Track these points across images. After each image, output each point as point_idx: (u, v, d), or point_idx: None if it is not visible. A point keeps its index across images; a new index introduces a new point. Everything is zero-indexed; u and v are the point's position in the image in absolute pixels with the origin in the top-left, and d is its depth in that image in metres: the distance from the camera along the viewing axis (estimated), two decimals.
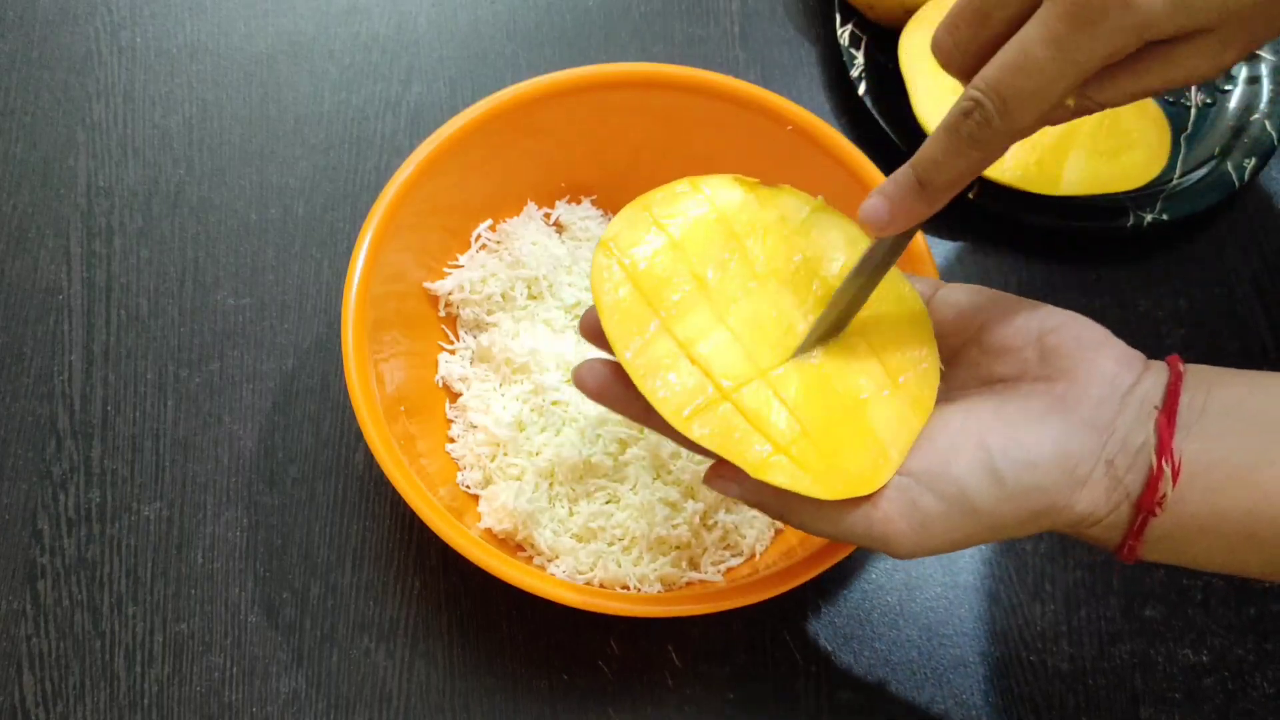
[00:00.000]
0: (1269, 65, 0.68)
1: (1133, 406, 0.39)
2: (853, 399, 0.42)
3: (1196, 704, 0.54)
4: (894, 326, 0.43)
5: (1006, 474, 0.39)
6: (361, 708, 0.53)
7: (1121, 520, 0.39)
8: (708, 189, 0.45)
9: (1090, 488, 0.39)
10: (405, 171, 0.54)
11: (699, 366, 0.41)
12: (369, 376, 0.51)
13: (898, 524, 0.40)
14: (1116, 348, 0.41)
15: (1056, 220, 0.63)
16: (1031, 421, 0.39)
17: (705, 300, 0.43)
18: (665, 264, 0.43)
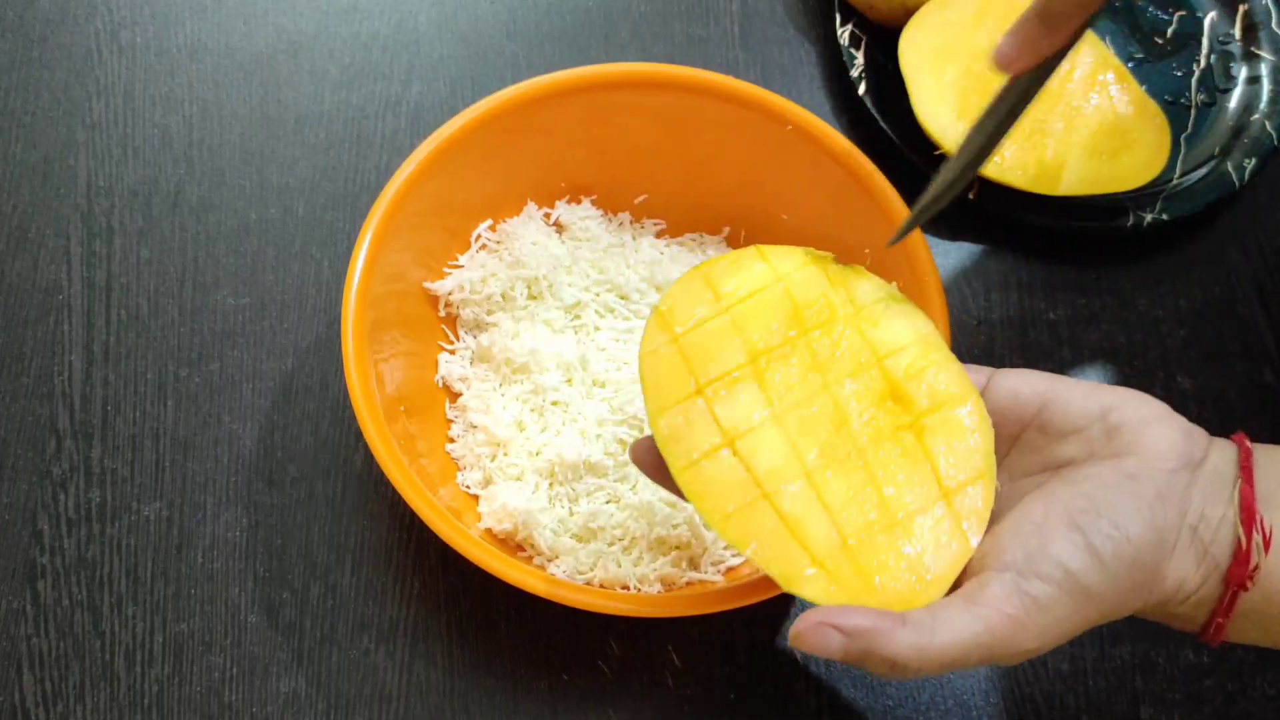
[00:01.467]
0: (1269, 65, 0.68)
1: (1205, 479, 0.39)
2: (900, 508, 0.40)
3: (1197, 705, 0.54)
4: (956, 429, 0.41)
5: (1104, 551, 0.38)
6: (361, 708, 0.53)
7: (1210, 596, 0.39)
8: (775, 260, 0.43)
9: (1178, 559, 0.39)
10: (405, 171, 0.54)
11: (740, 459, 0.39)
12: (369, 376, 0.51)
13: (1018, 618, 0.37)
14: (1180, 423, 0.41)
15: (1056, 220, 0.63)
16: (1112, 497, 0.39)
17: (756, 382, 0.41)
18: (718, 337, 0.41)
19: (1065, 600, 0.38)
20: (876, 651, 0.37)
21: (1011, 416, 0.42)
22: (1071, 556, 0.38)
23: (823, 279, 0.43)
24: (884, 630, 0.37)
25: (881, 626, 0.37)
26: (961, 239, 0.65)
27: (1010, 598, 0.37)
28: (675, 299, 0.42)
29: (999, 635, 0.37)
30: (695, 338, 0.41)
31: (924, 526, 0.40)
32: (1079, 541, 0.38)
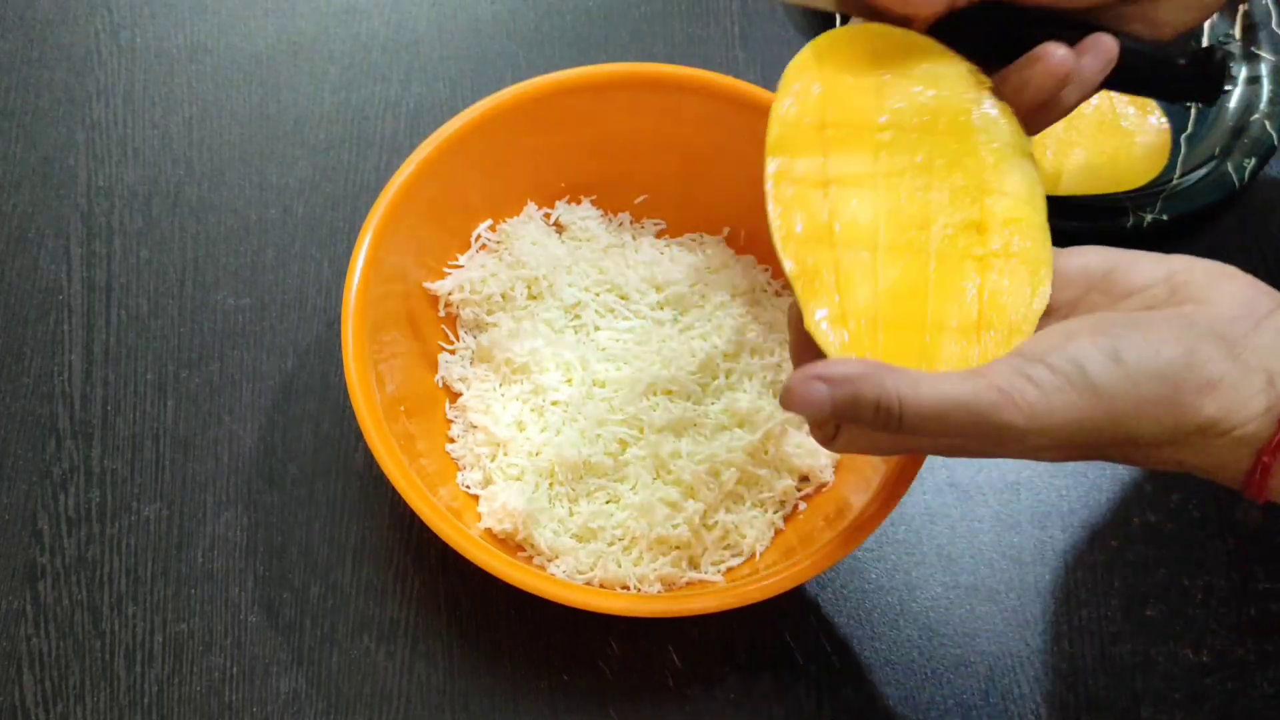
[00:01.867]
0: (1269, 65, 0.68)
1: (1271, 330, 0.38)
2: (936, 324, 0.41)
3: (1197, 704, 0.54)
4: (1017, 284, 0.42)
5: (1128, 356, 0.36)
6: (361, 708, 0.53)
7: (1259, 434, 0.37)
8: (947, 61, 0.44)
9: (1226, 390, 0.36)
10: (405, 171, 0.54)
11: (829, 202, 0.42)
12: (369, 376, 0.51)
13: (1010, 391, 0.36)
14: (1249, 279, 0.40)
15: (1056, 220, 0.63)
16: (1156, 323, 0.38)
17: (872, 152, 0.43)
18: (864, 93, 0.44)
19: (1067, 390, 0.36)
20: (862, 395, 0.36)
21: (1078, 281, 0.42)
22: (1089, 355, 0.36)
23: (975, 99, 0.44)
24: (870, 374, 0.36)
25: (868, 371, 0.36)
26: None
27: (1008, 375, 0.37)
28: (843, 41, 0.45)
29: (984, 401, 0.36)
30: (847, 78, 0.44)
31: (948, 350, 0.40)
32: (1104, 345, 0.37)
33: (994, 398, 0.36)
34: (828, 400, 0.37)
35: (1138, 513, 0.58)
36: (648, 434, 0.55)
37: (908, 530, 0.57)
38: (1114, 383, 0.36)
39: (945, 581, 0.56)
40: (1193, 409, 0.37)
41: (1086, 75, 0.44)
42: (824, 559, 0.49)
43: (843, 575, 0.56)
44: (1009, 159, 0.44)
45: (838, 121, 0.43)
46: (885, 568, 0.57)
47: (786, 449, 0.55)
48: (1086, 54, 0.44)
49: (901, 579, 0.56)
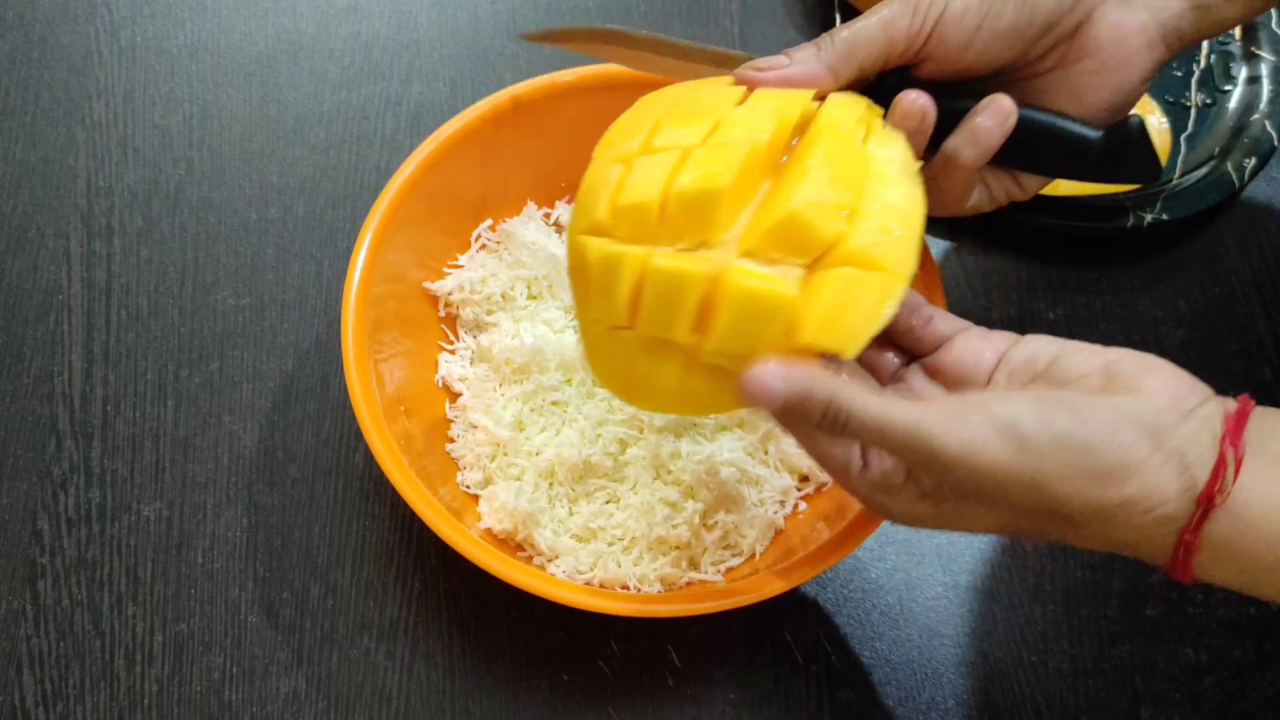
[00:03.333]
0: (1269, 65, 0.68)
1: (1196, 420, 0.39)
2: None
3: (1196, 704, 0.54)
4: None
5: (1058, 423, 0.38)
6: (361, 708, 0.53)
7: (1180, 514, 0.38)
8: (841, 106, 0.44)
9: (1148, 472, 0.38)
10: (405, 171, 0.54)
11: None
12: (369, 376, 0.51)
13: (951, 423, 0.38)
14: (1180, 374, 0.41)
15: (1056, 220, 0.63)
16: (1085, 403, 0.39)
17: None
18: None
19: (996, 440, 0.38)
20: (815, 394, 0.38)
21: (1026, 370, 0.43)
22: (1023, 414, 0.38)
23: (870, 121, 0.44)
24: (826, 377, 0.39)
25: (825, 374, 0.39)
26: (961, 239, 0.65)
27: (946, 407, 0.39)
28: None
29: (925, 426, 0.38)
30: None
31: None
32: (1039, 410, 0.38)
33: (934, 423, 0.38)
34: (781, 392, 0.39)
35: None
36: (647, 434, 0.55)
37: (908, 530, 0.57)
38: (1041, 443, 0.38)
39: (945, 581, 0.56)
40: (1115, 485, 0.38)
41: (981, 134, 0.46)
42: (824, 559, 0.49)
43: (843, 575, 0.56)
44: (899, 176, 0.42)
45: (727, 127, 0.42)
46: (885, 568, 0.57)
47: (786, 449, 0.55)
48: (982, 113, 0.46)
49: (901, 579, 0.56)
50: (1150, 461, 0.38)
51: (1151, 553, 0.40)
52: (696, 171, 0.41)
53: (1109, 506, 0.39)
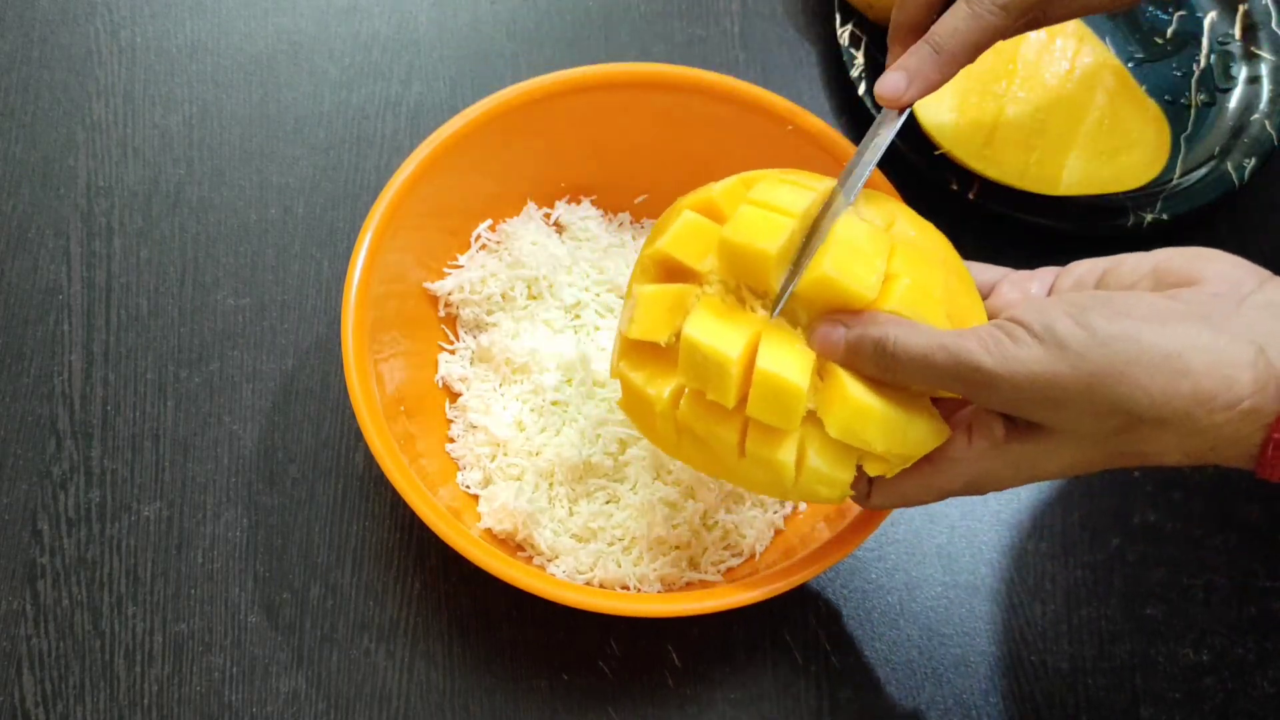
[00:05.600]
0: (1269, 65, 0.68)
1: (1258, 305, 0.37)
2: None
3: (1197, 703, 0.54)
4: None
5: (1095, 322, 0.37)
6: (361, 708, 0.53)
7: (1267, 406, 0.36)
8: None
9: (1216, 359, 0.36)
10: (405, 171, 0.54)
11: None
12: (369, 376, 0.51)
13: (987, 340, 0.39)
14: (1233, 258, 0.40)
15: (1056, 220, 0.63)
16: (1132, 297, 0.38)
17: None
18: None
19: (1035, 345, 0.38)
20: (867, 334, 0.41)
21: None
22: (1057, 318, 0.38)
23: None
24: (879, 318, 0.41)
25: (876, 315, 0.41)
26: (961, 239, 0.65)
27: (988, 329, 0.39)
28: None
29: (962, 347, 0.39)
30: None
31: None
32: (1073, 312, 0.38)
33: (969, 344, 0.39)
34: (841, 338, 0.41)
35: (1138, 511, 0.58)
36: None
37: (908, 530, 0.57)
38: (1082, 343, 0.37)
39: (945, 581, 0.56)
40: (1178, 377, 0.36)
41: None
42: (823, 559, 0.49)
43: (843, 575, 0.56)
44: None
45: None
46: (885, 568, 0.57)
47: None
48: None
49: (901, 579, 0.56)
50: (1216, 348, 0.36)
51: (1236, 455, 0.38)
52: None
53: (1180, 404, 0.36)
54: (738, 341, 0.42)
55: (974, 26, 0.47)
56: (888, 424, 0.42)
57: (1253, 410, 0.36)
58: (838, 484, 0.44)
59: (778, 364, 0.41)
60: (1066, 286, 0.43)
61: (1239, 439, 0.37)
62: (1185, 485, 0.59)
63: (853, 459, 0.43)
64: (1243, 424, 0.36)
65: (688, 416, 0.44)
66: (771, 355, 0.42)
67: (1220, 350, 0.36)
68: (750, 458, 0.43)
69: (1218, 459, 0.38)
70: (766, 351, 0.42)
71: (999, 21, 0.47)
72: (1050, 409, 0.39)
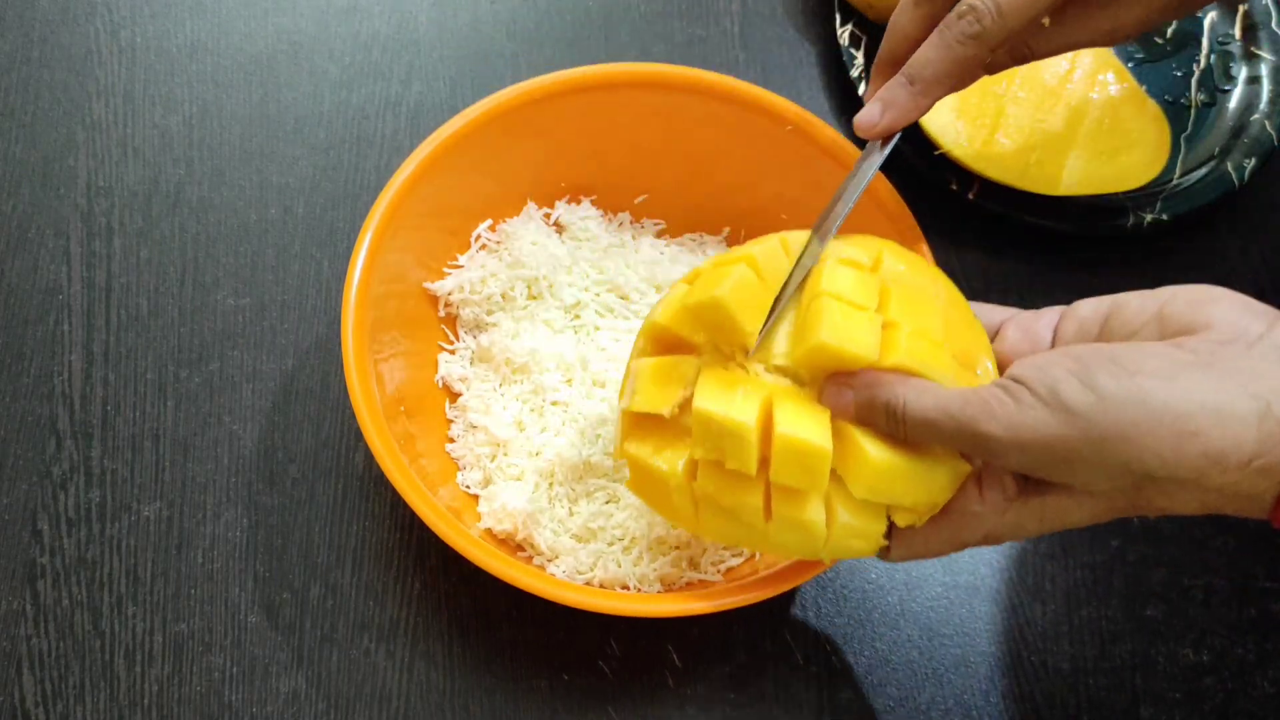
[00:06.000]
0: (1269, 65, 0.68)
1: (1264, 350, 0.37)
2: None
3: (1197, 704, 0.54)
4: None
5: (1101, 382, 0.37)
6: (361, 708, 0.53)
7: (1277, 465, 0.36)
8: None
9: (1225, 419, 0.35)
10: (405, 171, 0.54)
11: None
12: (369, 376, 0.51)
13: (992, 404, 0.38)
14: (1238, 300, 0.39)
15: (1056, 220, 0.63)
16: (1138, 350, 0.38)
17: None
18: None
19: (1040, 408, 0.37)
20: (877, 398, 0.41)
21: (1082, 338, 0.42)
22: (1061, 379, 0.37)
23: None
24: (886, 379, 0.41)
25: (885, 377, 0.41)
26: (961, 239, 0.65)
27: (994, 392, 0.39)
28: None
29: (969, 410, 0.39)
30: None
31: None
32: (1077, 371, 0.37)
33: (976, 407, 0.39)
34: (851, 400, 0.41)
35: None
36: None
37: None
38: (1087, 406, 0.37)
39: (945, 581, 0.56)
40: (1191, 438, 0.36)
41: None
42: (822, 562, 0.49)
43: (843, 575, 0.56)
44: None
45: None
46: (885, 567, 0.57)
47: None
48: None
49: (901, 579, 0.56)
50: (1224, 406, 0.36)
51: (1251, 509, 0.38)
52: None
53: (1191, 463, 0.36)
54: (751, 407, 0.42)
55: (945, 57, 0.47)
56: (910, 477, 0.41)
57: (1265, 467, 0.36)
58: (871, 536, 0.43)
59: (798, 427, 0.41)
60: (1070, 332, 0.43)
61: (1255, 494, 0.37)
62: None
63: (882, 510, 0.43)
64: (1258, 480, 0.36)
65: (708, 488, 0.44)
66: (789, 419, 0.41)
67: (1228, 408, 0.36)
68: (778, 520, 0.43)
69: (1235, 511, 0.38)
70: (783, 415, 0.41)
71: (969, 52, 0.46)
72: (1060, 470, 0.39)
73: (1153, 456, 0.36)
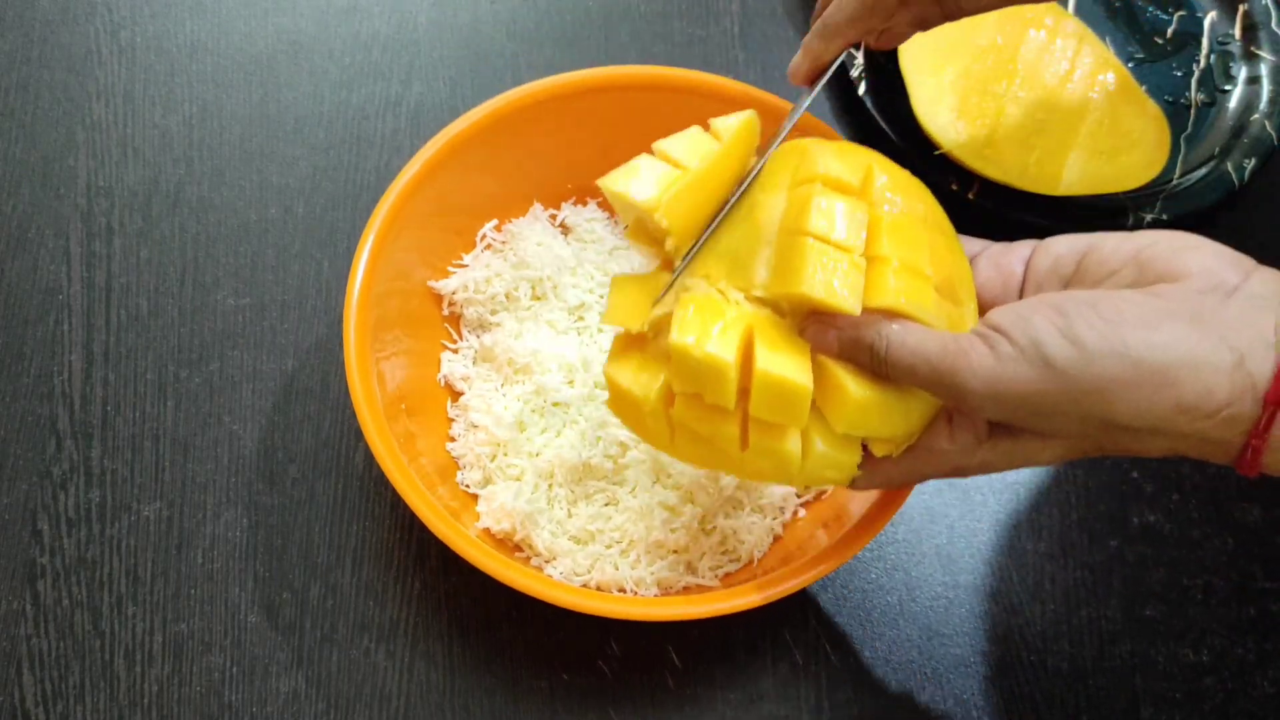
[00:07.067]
0: (1269, 65, 0.68)
1: (1241, 300, 0.37)
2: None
3: (1196, 704, 0.54)
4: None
5: (1084, 335, 0.37)
6: (361, 708, 0.53)
7: (1244, 415, 0.37)
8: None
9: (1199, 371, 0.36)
10: (411, 169, 0.54)
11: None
12: (370, 375, 0.51)
13: (970, 356, 0.39)
14: (1216, 248, 0.39)
15: (1056, 220, 0.63)
16: (1119, 299, 0.38)
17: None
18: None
19: (1021, 362, 0.38)
20: (861, 338, 0.41)
21: (1056, 274, 0.42)
22: (1045, 331, 0.38)
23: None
24: (869, 320, 0.41)
25: (868, 318, 0.41)
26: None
27: (974, 341, 0.39)
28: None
29: (948, 359, 0.39)
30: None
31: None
32: (1060, 324, 0.38)
33: (956, 357, 0.39)
34: (835, 340, 0.42)
35: (1137, 513, 0.58)
36: None
37: (908, 530, 0.57)
38: (1069, 360, 0.37)
39: (945, 581, 0.56)
40: (1165, 389, 0.37)
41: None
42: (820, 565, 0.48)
43: (843, 575, 0.56)
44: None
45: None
46: (885, 568, 0.57)
47: None
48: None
49: (901, 579, 0.57)
50: (1198, 357, 0.36)
51: (1217, 454, 0.39)
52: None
53: (1163, 413, 0.37)
54: (730, 343, 0.41)
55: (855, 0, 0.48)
56: (889, 410, 0.42)
57: (1233, 417, 0.37)
58: (846, 467, 0.44)
59: (779, 364, 0.41)
60: (1044, 268, 0.43)
61: (1221, 441, 0.38)
62: (1184, 487, 0.59)
63: (858, 442, 0.43)
64: (1225, 428, 0.37)
65: (684, 416, 0.44)
66: (770, 355, 0.41)
67: (1203, 359, 0.37)
68: (754, 449, 0.43)
69: (1200, 456, 0.39)
70: (764, 351, 0.41)
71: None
72: (1034, 420, 0.39)
73: (1127, 407, 0.37)
